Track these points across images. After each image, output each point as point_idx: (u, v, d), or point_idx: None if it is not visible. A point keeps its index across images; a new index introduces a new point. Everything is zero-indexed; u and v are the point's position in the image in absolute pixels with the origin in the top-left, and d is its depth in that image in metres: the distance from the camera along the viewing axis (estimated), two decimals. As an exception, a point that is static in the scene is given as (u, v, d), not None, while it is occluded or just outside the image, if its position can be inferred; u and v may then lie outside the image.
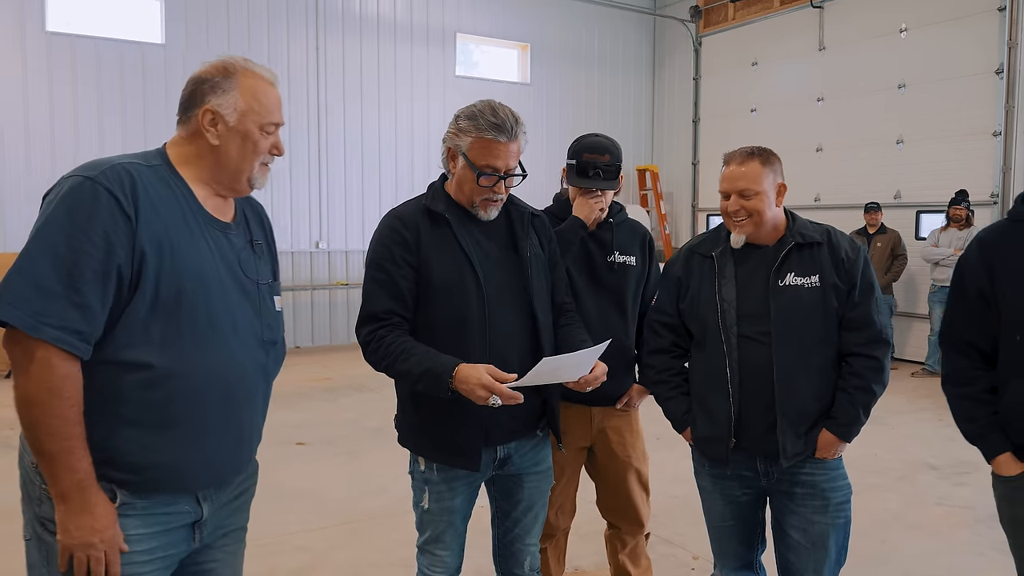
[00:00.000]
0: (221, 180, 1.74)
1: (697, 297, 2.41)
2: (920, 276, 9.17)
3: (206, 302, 1.65)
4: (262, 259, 1.85)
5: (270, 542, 3.94)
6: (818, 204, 10.35)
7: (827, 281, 2.30)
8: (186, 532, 1.72)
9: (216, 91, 1.69)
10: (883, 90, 9.68)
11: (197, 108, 1.70)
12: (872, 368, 2.31)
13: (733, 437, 2.32)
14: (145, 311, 1.58)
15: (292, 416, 6.65)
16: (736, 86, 11.69)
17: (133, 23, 9.26)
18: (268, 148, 1.75)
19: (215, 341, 1.66)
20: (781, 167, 2.38)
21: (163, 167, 1.68)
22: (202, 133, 1.70)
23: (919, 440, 6.05)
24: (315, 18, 10.08)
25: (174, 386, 1.61)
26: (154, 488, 1.64)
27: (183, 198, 1.67)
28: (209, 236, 1.70)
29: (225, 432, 1.72)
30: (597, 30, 12.37)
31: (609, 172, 2.69)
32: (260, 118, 1.72)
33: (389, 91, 10.63)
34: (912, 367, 8.99)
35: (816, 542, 2.33)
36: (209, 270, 1.67)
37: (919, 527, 4.30)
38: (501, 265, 2.21)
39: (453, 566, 2.28)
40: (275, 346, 1.84)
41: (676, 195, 12.89)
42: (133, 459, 1.60)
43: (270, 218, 1.98)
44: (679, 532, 4.12)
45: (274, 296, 1.85)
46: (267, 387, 1.85)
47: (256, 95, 1.71)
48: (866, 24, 9.87)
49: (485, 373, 1.95)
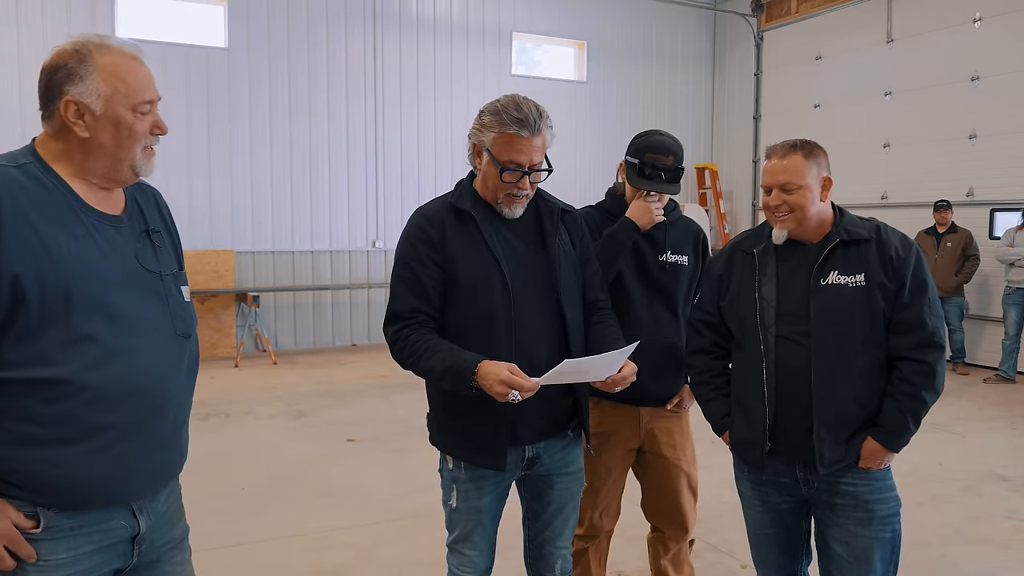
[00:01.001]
0: (100, 173, 1.59)
1: (737, 296, 2.34)
2: (994, 277, 8.76)
3: (102, 303, 1.53)
4: (162, 249, 1.72)
5: (318, 537, 4.00)
6: (885, 203, 9.99)
7: (873, 280, 2.19)
8: (124, 548, 1.63)
9: (73, 79, 1.52)
10: (955, 83, 9.28)
11: (57, 101, 1.53)
12: (923, 373, 2.17)
13: (768, 441, 2.23)
14: (33, 324, 1.47)
15: (346, 413, 6.76)
16: (799, 81, 11.37)
17: (198, 28, 9.55)
18: (148, 129, 1.61)
19: (119, 343, 1.54)
20: (827, 160, 2.27)
21: (34, 165, 1.54)
22: (68, 127, 1.54)
23: (990, 449, 5.77)
24: (372, 19, 10.21)
25: (81, 397, 1.50)
26: (81, 504, 1.55)
27: (61, 196, 1.54)
28: (97, 232, 1.57)
29: (148, 436, 1.61)
30: (655, 26, 12.20)
31: (672, 175, 2.61)
32: (129, 99, 1.56)
33: (445, 91, 10.70)
34: (984, 373, 8.60)
35: (859, 556, 2.22)
36: (100, 268, 1.54)
37: (985, 541, 4.09)
38: (528, 262, 2.18)
39: (483, 567, 2.25)
40: (189, 339, 1.72)
41: (736, 194, 12.63)
42: (50, 480, 1.50)
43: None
44: (728, 539, 4.02)
45: (181, 286, 1.73)
46: (188, 382, 1.74)
47: (119, 74, 1.55)
48: (937, 14, 9.47)
49: (505, 369, 1.93)
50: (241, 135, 9.56)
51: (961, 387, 7.89)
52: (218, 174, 9.45)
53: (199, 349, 1.81)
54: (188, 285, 1.77)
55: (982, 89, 9.02)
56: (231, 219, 9.53)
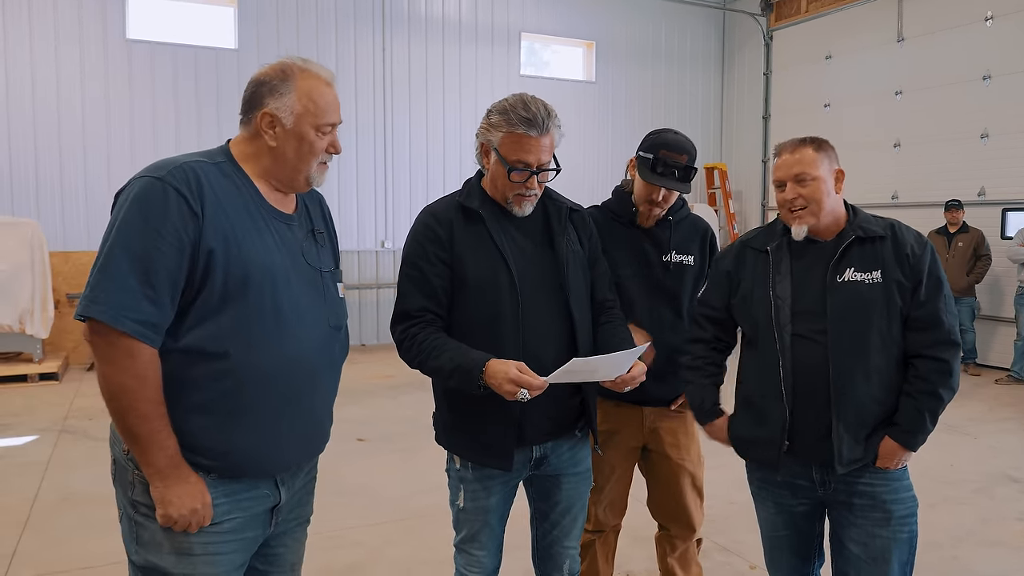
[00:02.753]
0: (280, 178, 1.80)
1: (750, 294, 2.31)
2: (1006, 277, 8.70)
3: (272, 291, 1.70)
4: (324, 248, 1.91)
5: (328, 535, 4.01)
6: (896, 202, 9.94)
7: (890, 277, 2.17)
8: (265, 516, 1.80)
9: (274, 94, 1.73)
10: (967, 82, 9.22)
11: (256, 111, 1.75)
12: (940, 371, 2.16)
13: (787, 440, 2.21)
14: (215, 302, 1.64)
15: (355, 412, 6.77)
16: (809, 81, 11.33)
17: (208, 29, 9.59)
18: (325, 148, 1.79)
19: (283, 329, 1.72)
20: (836, 155, 2.26)
21: (227, 164, 1.75)
22: (261, 134, 1.75)
23: (1002, 451, 5.73)
24: (381, 20, 10.23)
25: (245, 374, 1.67)
26: (236, 473, 1.71)
27: (247, 192, 1.74)
28: (273, 228, 1.76)
29: (297, 417, 1.78)
30: (664, 26, 12.18)
31: (684, 174, 2.59)
32: (316, 119, 1.75)
33: (454, 91, 10.71)
34: (996, 373, 8.54)
35: (877, 557, 2.20)
36: (274, 260, 1.72)
37: (997, 543, 4.06)
38: (536, 262, 2.17)
39: (490, 567, 2.25)
40: (340, 331, 1.90)
41: (745, 194, 12.58)
42: (211, 445, 1.67)
43: (334, 215, 2.02)
44: (737, 540, 4.01)
45: (337, 283, 1.91)
46: (336, 371, 1.90)
47: (312, 97, 1.74)
48: (949, 13, 9.41)
49: (514, 368, 1.93)
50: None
51: (973, 388, 7.83)
52: (228, 175, 9.47)
53: (348, 340, 1.96)
54: (343, 282, 1.95)
55: (994, 88, 8.96)
56: (241, 219, 9.55)
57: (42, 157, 8.70)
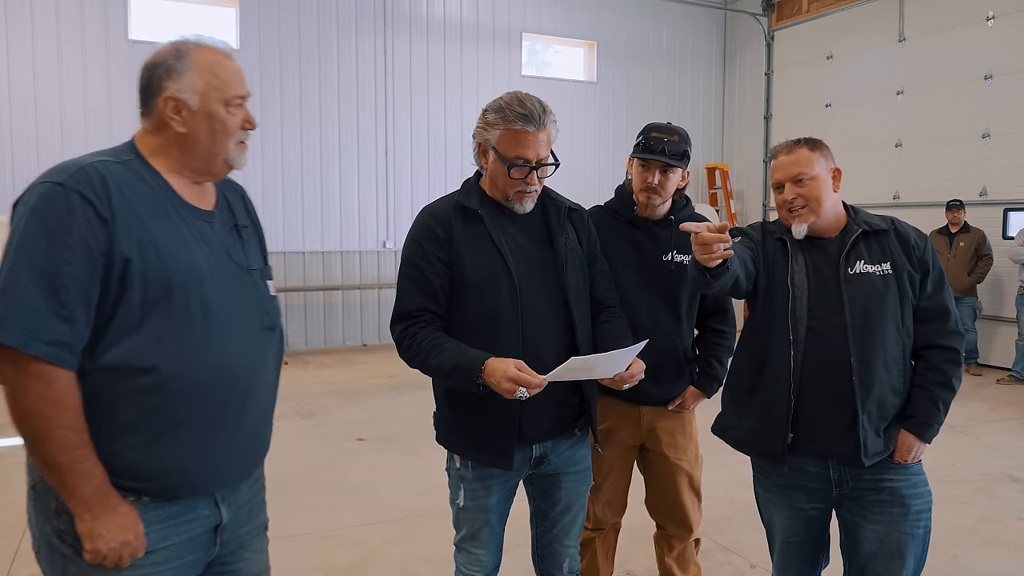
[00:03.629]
0: (195, 167, 1.66)
1: (771, 279, 2.26)
2: (1007, 277, 8.69)
3: (199, 295, 1.58)
4: (249, 244, 1.78)
5: (327, 535, 4.02)
6: (897, 202, 9.93)
7: (900, 268, 2.20)
8: (207, 538, 1.67)
9: (171, 75, 1.60)
10: (968, 82, 9.21)
11: (156, 97, 1.61)
12: (951, 361, 2.22)
13: (791, 432, 2.19)
14: (136, 313, 1.52)
15: (356, 412, 6.79)
16: (810, 81, 11.32)
17: (209, 30, 9.59)
18: (240, 124, 1.67)
19: (213, 334, 1.59)
20: (831, 153, 2.27)
21: (135, 161, 1.61)
22: (167, 122, 1.61)
23: (1003, 451, 5.73)
24: (383, 21, 10.24)
25: (175, 386, 1.54)
26: (171, 494, 1.58)
27: (160, 190, 1.60)
28: (193, 227, 1.63)
29: (236, 427, 1.66)
30: (665, 26, 12.17)
31: (675, 151, 2.60)
32: (223, 94, 1.63)
33: (455, 92, 10.71)
34: (998, 373, 8.53)
35: (893, 552, 2.18)
36: (197, 261, 1.60)
37: (996, 543, 4.06)
38: (535, 261, 2.17)
39: (490, 565, 2.26)
40: (274, 332, 1.77)
41: (746, 194, 12.58)
42: (142, 467, 1.54)
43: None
44: (737, 539, 4.01)
45: (267, 281, 1.78)
46: (272, 375, 1.78)
47: (213, 70, 1.62)
48: (950, 13, 9.40)
49: (512, 366, 1.92)
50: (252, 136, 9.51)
51: (974, 388, 7.82)
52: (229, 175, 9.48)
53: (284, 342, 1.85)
54: (273, 279, 1.82)
55: (995, 88, 8.95)
56: (242, 220, 9.56)
57: (44, 157, 8.70)
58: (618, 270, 2.57)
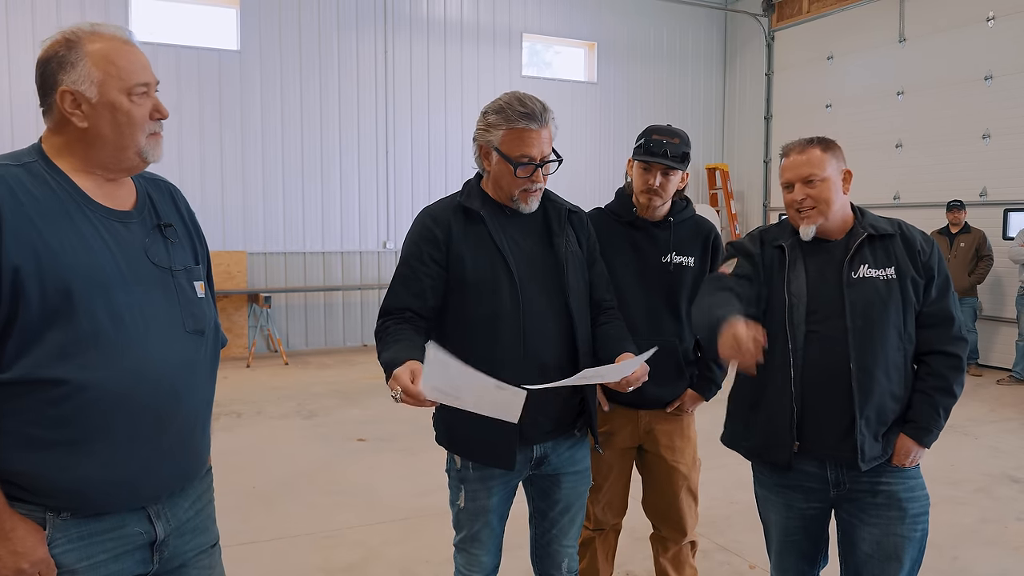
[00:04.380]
0: (104, 163, 1.56)
1: (764, 289, 2.27)
2: (1007, 278, 8.69)
3: (105, 301, 1.48)
4: (177, 244, 1.67)
5: (328, 535, 4.02)
6: (897, 203, 9.93)
7: (904, 273, 2.18)
8: (141, 555, 1.59)
9: (64, 67, 1.50)
10: (968, 82, 9.21)
11: (53, 93, 1.51)
12: (954, 367, 2.19)
13: (796, 441, 2.19)
14: (35, 324, 1.43)
15: (356, 412, 6.79)
16: (810, 81, 11.32)
17: (210, 31, 9.61)
18: (148, 114, 1.57)
19: (126, 341, 1.50)
20: (843, 155, 2.26)
21: (39, 163, 1.51)
22: (67, 118, 1.51)
23: (1003, 452, 5.73)
24: (383, 22, 10.25)
25: (87, 397, 1.46)
26: (92, 510, 1.50)
27: (65, 193, 1.50)
28: (103, 228, 1.53)
29: (160, 437, 1.56)
30: (665, 27, 12.18)
31: (676, 153, 2.60)
32: (123, 82, 1.52)
33: (456, 92, 10.72)
34: (998, 374, 8.53)
35: (890, 555, 2.18)
36: (104, 265, 1.50)
37: (996, 543, 4.06)
38: (536, 262, 2.18)
39: (490, 565, 2.26)
40: (203, 336, 1.66)
41: (747, 194, 12.58)
42: (55, 483, 1.46)
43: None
44: (736, 539, 4.01)
45: (194, 282, 1.68)
46: (203, 380, 1.67)
47: (109, 58, 1.51)
48: (950, 13, 9.41)
49: (406, 370, 1.83)
50: (253, 137, 9.61)
51: (974, 388, 7.82)
52: (230, 175, 9.50)
53: (219, 347, 1.75)
54: (203, 280, 1.72)
55: (995, 88, 8.95)
56: (243, 220, 9.58)
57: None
58: (617, 271, 2.57)
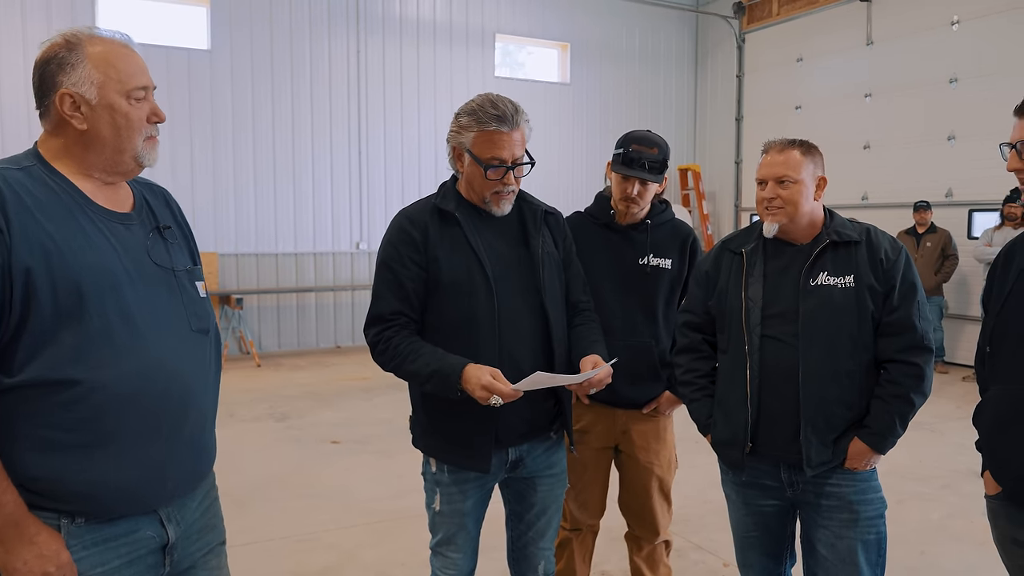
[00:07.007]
0: (103, 166, 1.57)
1: (724, 295, 2.33)
2: (972, 277, 8.87)
3: (115, 301, 1.49)
4: (175, 245, 1.70)
5: (301, 539, 3.99)
6: (865, 203, 10.09)
7: (863, 282, 2.19)
8: (153, 559, 1.59)
9: (64, 69, 1.50)
10: (934, 85, 9.39)
11: (52, 95, 1.51)
12: (911, 376, 2.17)
13: (750, 442, 2.23)
14: (48, 324, 1.43)
15: (329, 415, 6.74)
16: (780, 83, 11.46)
17: (180, 30, 9.48)
18: (146, 117, 1.58)
19: (137, 340, 1.51)
20: (822, 161, 2.28)
21: (38, 167, 1.52)
22: (66, 120, 1.52)
23: (968, 447, 5.83)
24: (356, 21, 10.19)
25: (101, 397, 1.45)
26: (108, 514, 1.50)
27: (67, 195, 1.51)
28: (107, 230, 1.54)
29: (175, 437, 1.57)
30: (638, 28, 12.26)
31: (655, 166, 2.63)
32: (123, 85, 1.54)
33: (429, 93, 10.69)
34: (963, 371, 8.70)
35: (844, 558, 2.21)
36: (112, 266, 1.51)
37: (963, 539, 4.14)
38: (512, 264, 2.18)
39: (466, 568, 2.26)
40: (207, 335, 1.68)
41: (718, 195, 12.70)
42: (72, 487, 1.46)
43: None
44: (711, 538, 4.05)
45: (196, 282, 1.70)
46: (210, 379, 1.69)
47: (109, 61, 1.53)
48: (916, 17, 9.58)
49: (487, 374, 1.94)
50: (224, 137, 9.50)
51: (940, 385, 7.97)
52: (201, 176, 9.38)
53: (220, 347, 1.77)
54: (203, 281, 1.75)
55: (960, 91, 9.13)
56: (214, 221, 9.47)
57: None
58: (594, 273, 2.58)
